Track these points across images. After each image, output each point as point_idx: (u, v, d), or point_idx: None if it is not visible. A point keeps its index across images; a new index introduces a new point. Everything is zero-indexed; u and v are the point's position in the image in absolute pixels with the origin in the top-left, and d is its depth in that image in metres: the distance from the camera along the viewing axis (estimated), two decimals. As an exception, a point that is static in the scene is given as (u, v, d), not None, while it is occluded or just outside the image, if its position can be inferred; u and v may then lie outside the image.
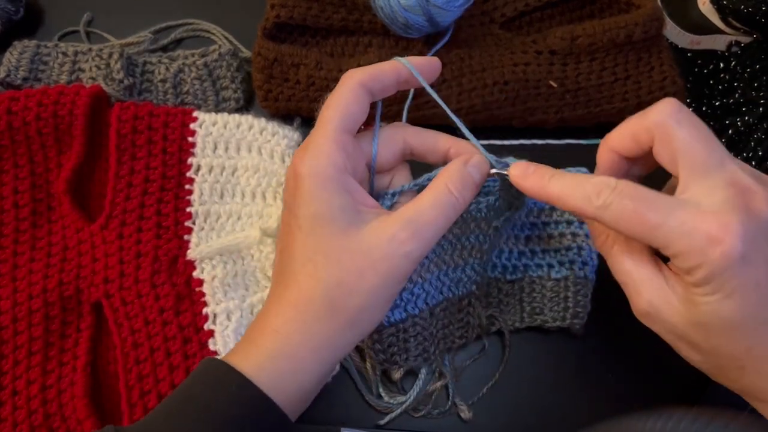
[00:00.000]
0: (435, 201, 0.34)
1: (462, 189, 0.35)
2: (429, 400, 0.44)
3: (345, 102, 0.34)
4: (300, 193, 0.33)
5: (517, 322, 0.46)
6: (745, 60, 0.53)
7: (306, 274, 0.33)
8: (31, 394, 0.42)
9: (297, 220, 0.33)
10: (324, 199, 0.33)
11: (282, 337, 0.33)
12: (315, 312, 0.33)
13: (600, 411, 0.44)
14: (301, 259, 0.33)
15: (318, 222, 0.33)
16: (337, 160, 0.33)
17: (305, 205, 0.33)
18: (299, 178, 0.33)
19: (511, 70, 0.50)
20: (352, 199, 0.34)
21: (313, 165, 0.33)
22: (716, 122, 0.52)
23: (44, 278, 0.45)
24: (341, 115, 0.34)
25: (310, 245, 0.33)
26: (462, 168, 0.35)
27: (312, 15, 0.51)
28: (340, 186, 0.33)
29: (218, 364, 0.33)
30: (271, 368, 0.33)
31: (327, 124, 0.34)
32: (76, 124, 0.48)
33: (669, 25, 0.56)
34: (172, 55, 0.55)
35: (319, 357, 0.34)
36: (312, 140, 0.34)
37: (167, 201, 0.48)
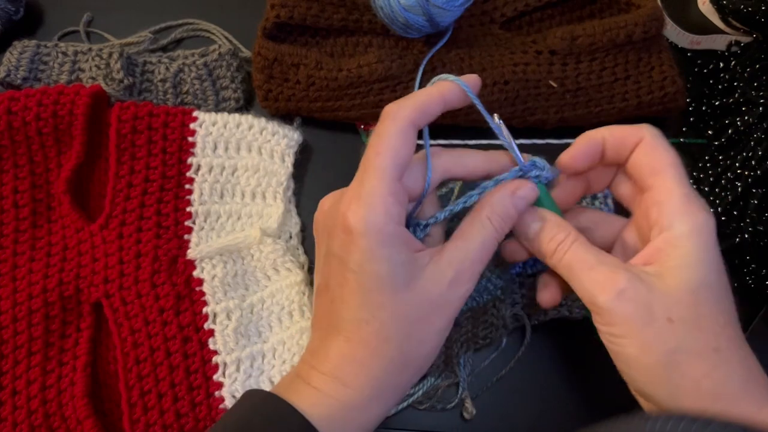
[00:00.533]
0: (482, 239, 0.34)
1: (503, 222, 0.35)
2: (436, 395, 0.44)
3: (396, 146, 0.33)
4: (357, 249, 0.32)
5: (542, 315, 0.45)
6: (745, 60, 0.53)
7: (372, 332, 0.33)
8: (31, 394, 0.42)
9: (356, 276, 0.32)
10: (384, 257, 0.32)
11: (351, 391, 0.33)
12: (386, 368, 0.33)
13: (600, 409, 0.44)
14: (363, 315, 0.33)
15: (380, 281, 0.32)
16: (393, 213, 0.32)
17: (365, 263, 0.32)
18: (354, 233, 0.32)
19: (511, 70, 0.50)
20: (409, 251, 0.33)
21: (371, 221, 0.32)
22: (716, 122, 0.52)
23: (44, 278, 0.45)
24: (393, 163, 0.33)
25: (373, 303, 0.32)
26: (506, 200, 0.35)
27: (312, 15, 0.51)
28: (399, 240, 0.32)
29: (280, 403, 0.33)
30: (338, 418, 0.33)
31: (380, 172, 0.32)
32: (76, 124, 0.48)
33: (669, 25, 0.56)
34: (172, 55, 0.55)
35: (387, 406, 0.35)
36: (365, 190, 0.32)
37: (167, 201, 0.48)
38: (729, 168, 0.50)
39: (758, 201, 0.48)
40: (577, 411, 0.45)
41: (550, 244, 0.35)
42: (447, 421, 0.45)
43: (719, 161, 0.51)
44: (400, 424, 0.44)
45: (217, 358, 0.44)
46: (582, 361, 0.46)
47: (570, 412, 0.45)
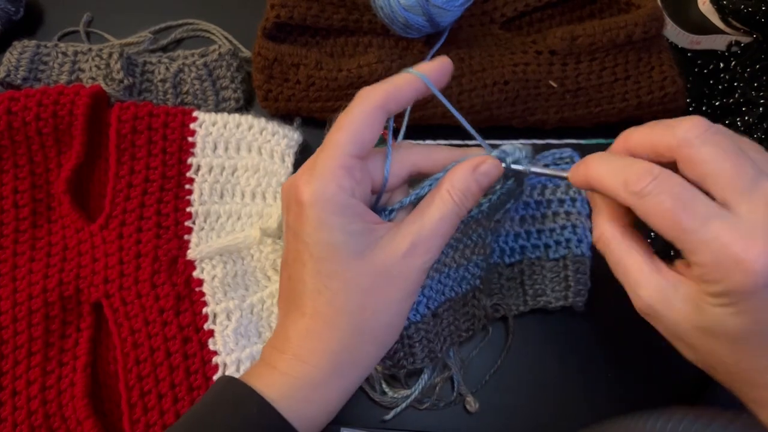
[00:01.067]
0: (440, 211, 0.34)
1: (464, 197, 0.34)
2: (433, 392, 0.44)
3: (358, 125, 0.33)
4: (307, 219, 0.32)
5: (521, 306, 0.46)
6: (745, 60, 0.53)
7: (324, 302, 0.33)
8: (31, 394, 0.42)
9: (307, 246, 0.32)
10: (335, 225, 0.32)
11: (309, 366, 0.33)
12: (342, 339, 0.33)
13: (600, 406, 0.44)
14: (316, 286, 0.33)
15: (331, 248, 0.32)
16: (344, 184, 0.32)
17: (315, 232, 0.32)
18: (305, 204, 0.32)
19: (511, 70, 0.50)
20: (363, 222, 0.33)
21: (320, 191, 0.32)
22: (716, 122, 0.52)
23: (44, 278, 0.45)
24: (352, 140, 0.33)
25: (324, 272, 0.32)
26: (467, 174, 0.34)
27: (312, 15, 0.51)
28: (350, 210, 0.32)
29: (237, 384, 0.33)
30: (297, 396, 0.32)
31: (336, 147, 0.33)
32: (76, 124, 0.48)
33: (669, 25, 0.56)
34: (172, 55, 0.55)
35: (346, 381, 0.34)
36: (318, 163, 0.33)
37: (167, 201, 0.48)
38: (729, 168, 0.50)
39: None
40: (575, 398, 0.45)
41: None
42: (447, 421, 0.45)
43: (719, 161, 0.51)
44: (400, 424, 0.44)
45: (217, 358, 0.44)
46: (576, 347, 0.47)
47: (568, 399, 0.45)
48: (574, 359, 0.46)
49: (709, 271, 0.28)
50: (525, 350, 0.46)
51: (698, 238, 0.28)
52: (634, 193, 0.29)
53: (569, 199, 0.45)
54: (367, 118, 0.33)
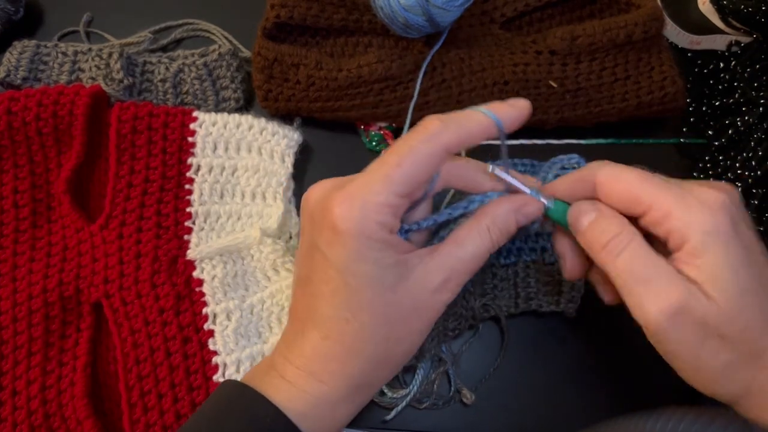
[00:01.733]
0: (476, 249, 0.33)
1: (501, 235, 0.34)
2: (432, 390, 0.45)
3: (419, 166, 0.31)
4: (343, 249, 0.31)
5: (512, 307, 0.46)
6: (745, 60, 0.53)
7: (351, 331, 0.32)
8: (31, 394, 0.42)
9: (340, 275, 0.31)
10: (372, 260, 0.31)
11: (327, 388, 0.33)
12: (362, 367, 0.33)
13: (600, 406, 0.44)
14: (344, 314, 0.32)
15: (365, 282, 0.31)
16: (387, 223, 0.31)
17: (351, 264, 0.31)
18: (342, 233, 0.31)
19: (511, 70, 0.50)
20: (397, 254, 0.32)
21: (360, 226, 0.31)
22: (716, 122, 0.52)
23: (44, 278, 0.45)
24: (408, 180, 0.31)
25: (355, 303, 0.32)
26: (510, 215, 0.34)
27: (312, 15, 0.51)
28: (388, 245, 0.32)
29: (254, 395, 0.33)
30: (314, 414, 0.33)
31: (388, 183, 0.31)
32: (76, 124, 0.48)
33: (669, 25, 0.56)
34: (172, 55, 0.55)
35: (360, 402, 0.35)
36: (363, 193, 0.31)
37: (167, 201, 0.48)
38: (729, 168, 0.50)
39: (759, 201, 0.48)
40: (575, 398, 0.45)
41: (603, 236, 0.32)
42: (447, 421, 0.45)
43: (719, 162, 0.51)
44: (400, 425, 0.44)
45: (217, 358, 0.44)
46: (576, 346, 0.47)
47: (568, 399, 0.45)
48: (575, 359, 0.46)
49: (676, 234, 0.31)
50: (525, 350, 0.46)
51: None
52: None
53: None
54: (430, 159, 0.32)
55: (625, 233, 0.32)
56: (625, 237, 0.32)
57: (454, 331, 0.44)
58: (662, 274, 0.31)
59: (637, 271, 0.31)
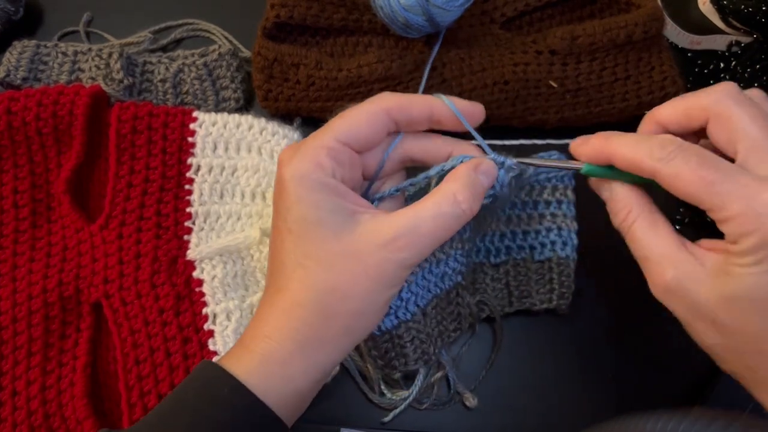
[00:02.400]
0: (438, 211, 0.32)
1: (472, 198, 0.33)
2: (431, 392, 0.45)
3: (357, 118, 0.34)
4: (287, 195, 0.32)
5: (507, 306, 0.46)
6: (745, 60, 0.53)
7: (297, 279, 0.32)
8: (31, 394, 0.42)
9: (286, 223, 0.32)
10: (312, 201, 0.32)
11: (274, 343, 0.32)
12: (307, 318, 0.32)
13: (600, 406, 0.44)
14: (291, 264, 0.33)
15: (308, 226, 0.32)
16: (323, 163, 0.32)
17: (293, 208, 0.32)
18: (284, 179, 0.32)
19: (511, 70, 0.50)
20: (344, 201, 0.33)
21: (298, 167, 0.32)
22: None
23: (44, 278, 0.45)
24: (346, 128, 0.33)
25: (300, 249, 0.32)
26: (472, 174, 0.34)
27: (312, 15, 0.51)
28: (328, 189, 0.32)
29: (210, 367, 0.33)
30: (263, 373, 0.32)
31: (326, 131, 0.33)
32: (75, 124, 0.48)
33: (669, 25, 0.56)
34: (172, 55, 0.55)
35: (313, 362, 0.33)
36: (303, 143, 0.34)
37: (167, 201, 0.48)
38: (729, 168, 0.50)
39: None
40: (575, 399, 0.45)
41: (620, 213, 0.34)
42: (446, 421, 0.45)
43: (719, 161, 0.50)
44: (400, 425, 0.44)
45: (217, 359, 0.44)
46: (576, 346, 0.47)
47: (568, 400, 0.45)
48: (575, 359, 0.46)
49: (739, 223, 0.28)
50: (524, 350, 0.46)
51: (726, 189, 0.29)
52: (660, 159, 0.30)
53: (555, 201, 0.44)
54: (370, 115, 0.34)
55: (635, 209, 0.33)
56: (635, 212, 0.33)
57: (455, 332, 0.44)
58: (664, 251, 0.32)
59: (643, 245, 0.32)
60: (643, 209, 0.33)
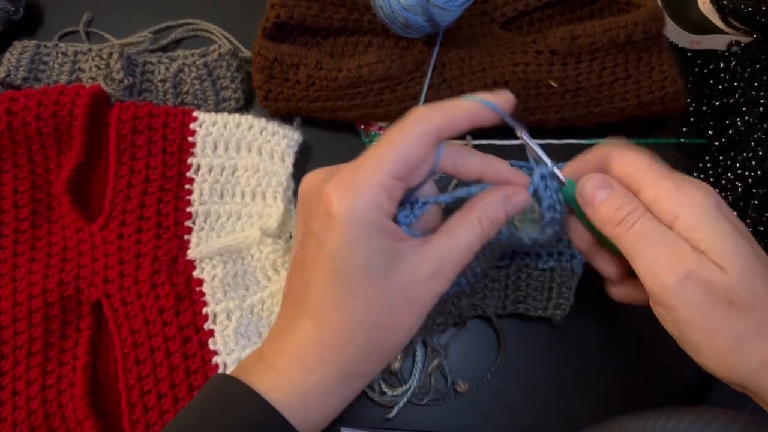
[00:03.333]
0: (468, 239, 0.33)
1: (492, 225, 0.34)
2: (429, 385, 0.45)
3: (410, 145, 0.32)
4: (338, 235, 0.31)
5: (500, 308, 0.46)
6: (745, 60, 0.53)
7: (342, 318, 0.32)
8: (31, 394, 0.42)
9: (333, 261, 0.31)
10: (365, 244, 0.31)
11: (316, 376, 0.32)
12: (351, 354, 0.32)
13: (600, 406, 0.44)
14: (336, 301, 0.32)
15: (358, 269, 0.31)
16: (382, 205, 0.31)
17: (344, 248, 0.31)
18: (337, 219, 0.31)
19: (511, 70, 0.50)
20: (391, 241, 0.32)
21: (356, 210, 0.31)
22: (716, 122, 0.52)
23: (44, 278, 0.45)
24: (401, 159, 0.32)
25: (347, 290, 0.32)
26: (499, 206, 0.34)
27: (312, 15, 0.51)
28: (382, 230, 0.32)
29: (241, 386, 0.33)
30: (302, 403, 0.32)
31: (382, 163, 0.31)
32: (75, 124, 0.48)
33: (669, 25, 0.56)
34: (172, 55, 0.55)
35: (351, 391, 0.34)
36: (358, 177, 0.31)
37: (167, 201, 0.48)
38: (729, 168, 0.50)
39: (759, 201, 0.48)
40: (575, 398, 0.45)
41: (619, 212, 0.33)
42: (447, 421, 0.45)
43: (719, 162, 0.51)
44: (400, 424, 0.44)
45: (217, 358, 0.44)
46: (576, 346, 0.47)
47: (568, 399, 0.45)
48: (574, 359, 0.46)
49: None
50: (524, 350, 0.46)
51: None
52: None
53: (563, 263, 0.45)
54: (421, 139, 0.32)
55: (639, 207, 0.33)
56: (639, 210, 0.33)
57: (440, 326, 0.45)
58: (672, 242, 0.32)
59: (650, 238, 0.32)
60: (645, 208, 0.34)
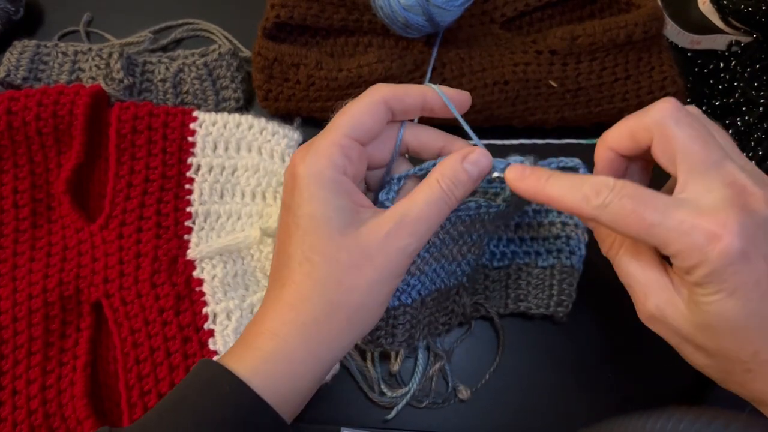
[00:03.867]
0: (427, 197, 0.34)
1: (453, 185, 0.34)
2: (430, 388, 0.45)
3: (360, 112, 0.35)
4: (298, 192, 0.33)
5: (501, 308, 0.46)
6: (745, 60, 0.53)
7: (303, 273, 0.33)
8: (31, 393, 0.42)
9: (295, 218, 0.33)
10: (322, 198, 0.33)
11: (279, 339, 0.33)
12: (312, 312, 0.33)
13: (600, 406, 0.44)
14: (298, 258, 0.33)
15: (316, 221, 0.33)
16: (337, 161, 0.33)
17: (303, 204, 0.33)
18: (297, 177, 0.33)
19: (511, 70, 0.50)
20: (350, 200, 0.34)
21: (312, 164, 0.33)
22: (716, 122, 0.52)
23: (44, 278, 0.45)
24: (352, 123, 0.34)
25: (307, 244, 0.33)
26: (456, 164, 0.35)
27: (312, 15, 0.51)
28: (339, 187, 0.33)
29: (212, 365, 0.33)
30: (266, 370, 0.32)
31: (335, 128, 0.34)
32: (76, 124, 0.48)
33: (669, 25, 0.56)
34: (172, 55, 0.55)
35: (317, 358, 0.33)
36: (315, 141, 0.34)
37: (167, 201, 0.48)
38: (729, 168, 0.50)
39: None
40: (575, 398, 0.45)
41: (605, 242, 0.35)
42: (447, 421, 0.45)
43: (719, 161, 0.50)
44: (400, 424, 0.44)
45: (217, 358, 0.44)
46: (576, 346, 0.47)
47: (568, 399, 0.45)
48: (574, 358, 0.46)
49: (684, 257, 0.29)
50: (524, 349, 0.46)
51: (665, 227, 0.29)
52: (597, 206, 0.31)
53: None
54: (370, 106, 0.35)
55: (619, 238, 0.34)
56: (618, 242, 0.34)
57: (444, 326, 0.45)
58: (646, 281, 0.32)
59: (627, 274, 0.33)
60: (626, 239, 0.34)
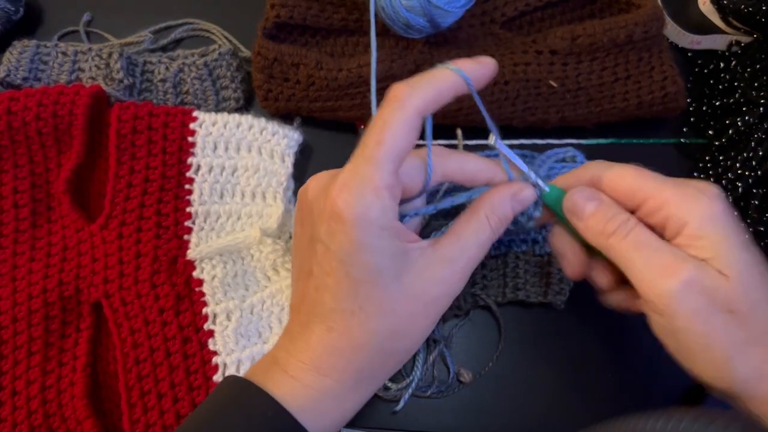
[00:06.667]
0: (478, 239, 0.33)
1: (500, 223, 0.34)
2: (432, 376, 0.45)
3: (399, 137, 0.31)
4: (348, 239, 0.30)
5: (499, 297, 0.46)
6: (746, 60, 0.53)
7: (357, 323, 0.32)
8: (31, 394, 0.42)
9: (344, 266, 0.31)
10: (377, 248, 0.31)
11: (332, 382, 0.32)
12: (366, 360, 0.33)
13: (599, 406, 0.44)
14: (350, 306, 0.32)
15: (371, 273, 0.31)
16: (387, 206, 0.31)
17: (356, 254, 0.31)
18: (346, 223, 0.30)
19: (511, 70, 0.50)
20: (401, 242, 0.32)
21: (364, 212, 0.30)
22: (716, 122, 0.52)
23: (44, 278, 0.45)
24: (393, 154, 0.31)
25: (361, 294, 0.31)
26: (506, 202, 0.34)
27: (312, 15, 0.51)
28: (392, 233, 0.31)
29: (255, 390, 0.32)
30: (317, 409, 0.32)
31: (378, 163, 0.31)
32: (75, 124, 0.48)
33: (669, 24, 0.56)
34: (172, 55, 0.55)
35: (365, 395, 0.34)
36: (360, 179, 0.30)
37: (167, 201, 0.48)
38: (730, 168, 0.50)
39: (759, 201, 0.48)
40: (575, 398, 0.45)
41: (611, 223, 0.33)
42: (447, 421, 0.45)
43: (720, 162, 0.51)
44: (400, 424, 0.44)
45: (217, 358, 0.44)
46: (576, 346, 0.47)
47: (568, 399, 0.45)
48: (574, 358, 0.46)
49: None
50: (524, 350, 0.46)
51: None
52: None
53: None
54: (407, 128, 0.31)
55: (632, 218, 0.33)
56: (632, 221, 0.33)
57: (443, 320, 0.45)
58: (669, 250, 0.32)
59: (647, 246, 0.32)
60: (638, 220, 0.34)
